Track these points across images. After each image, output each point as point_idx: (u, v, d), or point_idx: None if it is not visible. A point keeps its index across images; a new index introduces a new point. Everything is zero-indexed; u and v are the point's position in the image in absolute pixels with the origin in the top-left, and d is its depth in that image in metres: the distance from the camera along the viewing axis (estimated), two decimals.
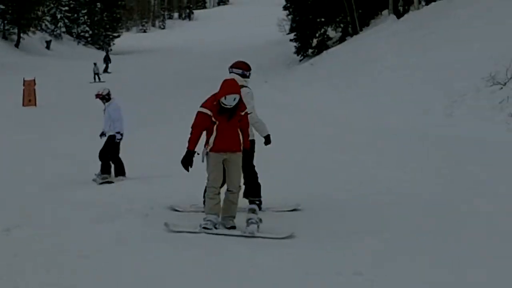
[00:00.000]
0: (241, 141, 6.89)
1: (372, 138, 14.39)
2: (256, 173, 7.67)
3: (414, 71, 20.17)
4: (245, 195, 7.65)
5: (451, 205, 7.74)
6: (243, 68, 7.72)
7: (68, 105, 24.41)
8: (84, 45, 73.89)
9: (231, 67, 7.75)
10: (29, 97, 25.53)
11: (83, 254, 5.85)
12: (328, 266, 5.40)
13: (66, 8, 73.22)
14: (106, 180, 10.67)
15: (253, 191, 7.65)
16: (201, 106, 6.77)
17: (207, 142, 6.76)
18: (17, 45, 57.78)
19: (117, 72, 40.19)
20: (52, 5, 70.26)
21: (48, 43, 63.14)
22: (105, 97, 11.09)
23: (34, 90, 25.77)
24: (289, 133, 14.94)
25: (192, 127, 6.76)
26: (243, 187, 7.46)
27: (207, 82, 25.25)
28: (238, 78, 7.43)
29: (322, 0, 36.23)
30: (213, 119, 6.68)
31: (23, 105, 24.95)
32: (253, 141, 7.53)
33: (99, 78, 36.52)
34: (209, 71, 30.61)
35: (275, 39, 55.08)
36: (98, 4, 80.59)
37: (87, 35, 76.26)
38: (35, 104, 25.14)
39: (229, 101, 6.65)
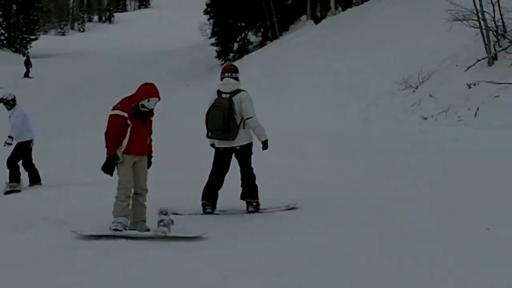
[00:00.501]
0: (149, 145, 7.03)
1: (293, 140, 14.66)
2: (254, 175, 7.69)
3: (332, 75, 20.66)
4: (242, 197, 7.71)
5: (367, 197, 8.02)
6: (235, 71, 7.80)
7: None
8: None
9: (224, 71, 7.78)
10: None
11: None
12: (246, 268, 5.46)
13: None
14: (15, 188, 10.34)
15: (251, 193, 7.68)
16: (115, 109, 6.73)
17: (119, 144, 6.71)
18: None
19: (38, 77, 38.84)
20: None
21: None
22: (9, 103, 10.76)
23: None
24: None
25: (106, 132, 6.69)
26: (240, 188, 7.63)
27: (123, 87, 25.01)
28: (233, 83, 7.59)
29: (242, 5, 36.51)
30: (128, 121, 6.68)
31: None
32: (251, 144, 7.66)
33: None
34: (128, 76, 30.29)
35: (197, 43, 54.99)
36: (14, 6, 78.44)
37: (2, 37, 74.11)
38: None
39: (151, 104, 6.73)
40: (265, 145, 7.75)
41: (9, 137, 10.50)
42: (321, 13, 35.42)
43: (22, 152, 10.65)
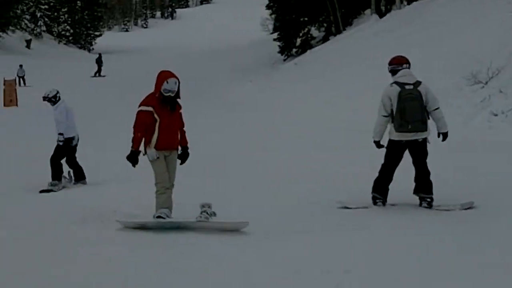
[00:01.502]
0: (179, 139, 7.21)
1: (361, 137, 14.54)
2: (428, 171, 7.67)
3: None
4: (416, 191, 7.72)
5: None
6: (409, 62, 7.85)
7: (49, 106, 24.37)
8: (65, 44, 73.60)
9: (402, 63, 7.83)
10: (10, 97, 25.51)
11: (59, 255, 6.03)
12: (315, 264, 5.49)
13: (46, 6, 72.69)
14: (51, 188, 10.11)
15: (425, 188, 7.66)
16: (140, 105, 6.94)
17: (149, 142, 6.95)
18: None
19: (110, 74, 39.28)
20: (31, 3, 69.82)
21: (28, 42, 62.83)
22: (51, 100, 10.69)
23: (15, 90, 25.82)
24: (276, 133, 15.15)
25: (134, 127, 6.93)
26: (413, 183, 7.66)
27: (187, 83, 25.46)
28: (412, 73, 7.67)
29: (305, 0, 36.38)
30: (155, 115, 6.89)
31: (4, 105, 24.92)
32: (425, 139, 7.62)
33: (24, 82, 34.14)
34: (191, 72, 30.66)
35: (259, 39, 55.22)
36: (79, 3, 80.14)
37: (68, 34, 75.82)
38: (17, 104, 25.14)
39: (171, 85, 6.87)
40: (445, 136, 7.75)
41: (59, 134, 10.39)
42: (385, 7, 34.98)
43: (65, 149, 10.47)
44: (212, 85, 30.13)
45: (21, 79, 34.22)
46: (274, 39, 40.20)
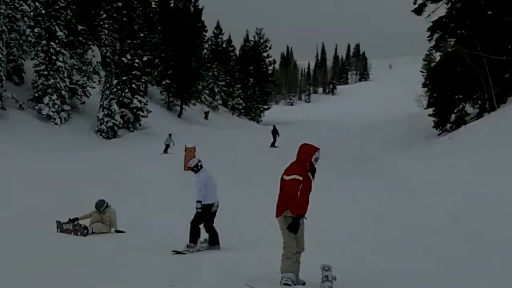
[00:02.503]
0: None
1: None
2: None
3: None
4: None
5: None
6: None
7: (222, 170, 25.23)
8: (237, 116, 77.04)
9: None
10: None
11: None
12: None
13: (223, 83, 76.89)
14: (186, 250, 10.18)
15: None
16: (292, 174, 6.83)
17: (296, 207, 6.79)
18: (179, 115, 61.18)
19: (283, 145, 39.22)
20: (211, 80, 74.07)
21: (206, 114, 66.23)
22: (193, 169, 10.78)
23: (194, 156, 26.99)
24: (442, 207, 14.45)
25: (290, 195, 6.76)
26: None
27: (348, 155, 25.17)
28: None
29: (461, 79, 35.34)
30: (300, 185, 6.80)
31: (184, 169, 26.10)
32: None
33: (165, 150, 34.21)
34: (348, 143, 30.50)
35: (413, 113, 54.14)
36: (251, 80, 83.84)
37: (240, 107, 79.36)
38: None
39: (317, 158, 6.94)
40: None
41: (197, 201, 10.40)
42: None
43: (204, 214, 10.45)
44: (366, 154, 29.74)
45: (167, 147, 34.30)
46: (429, 115, 39.19)
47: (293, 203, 6.76)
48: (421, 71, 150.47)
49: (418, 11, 33.21)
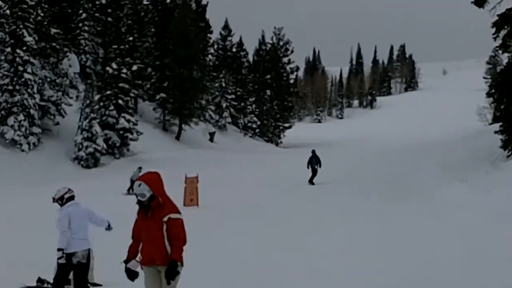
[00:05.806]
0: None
1: None
2: None
3: None
4: None
5: None
6: None
7: (232, 207, 24.93)
8: (250, 137, 76.23)
9: None
10: (191, 196, 26.36)
11: None
12: None
13: (233, 96, 76.10)
14: None
15: None
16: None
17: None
18: (177, 137, 60.88)
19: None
20: (217, 93, 73.41)
21: (211, 135, 65.86)
22: (57, 202, 9.76)
23: (197, 188, 26.70)
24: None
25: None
26: None
27: (391, 186, 24.95)
28: None
29: None
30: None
31: (184, 204, 25.75)
32: None
33: (131, 189, 30.65)
34: (392, 170, 29.85)
35: (474, 130, 53.71)
36: (268, 92, 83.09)
37: (254, 125, 78.57)
38: (197, 204, 25.94)
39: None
40: None
41: (58, 249, 9.41)
42: None
43: (67, 268, 9.50)
44: (415, 184, 29.33)
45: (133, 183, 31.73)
46: (495, 132, 38.72)
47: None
48: (484, 77, 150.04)
49: (480, 2, 32.85)
